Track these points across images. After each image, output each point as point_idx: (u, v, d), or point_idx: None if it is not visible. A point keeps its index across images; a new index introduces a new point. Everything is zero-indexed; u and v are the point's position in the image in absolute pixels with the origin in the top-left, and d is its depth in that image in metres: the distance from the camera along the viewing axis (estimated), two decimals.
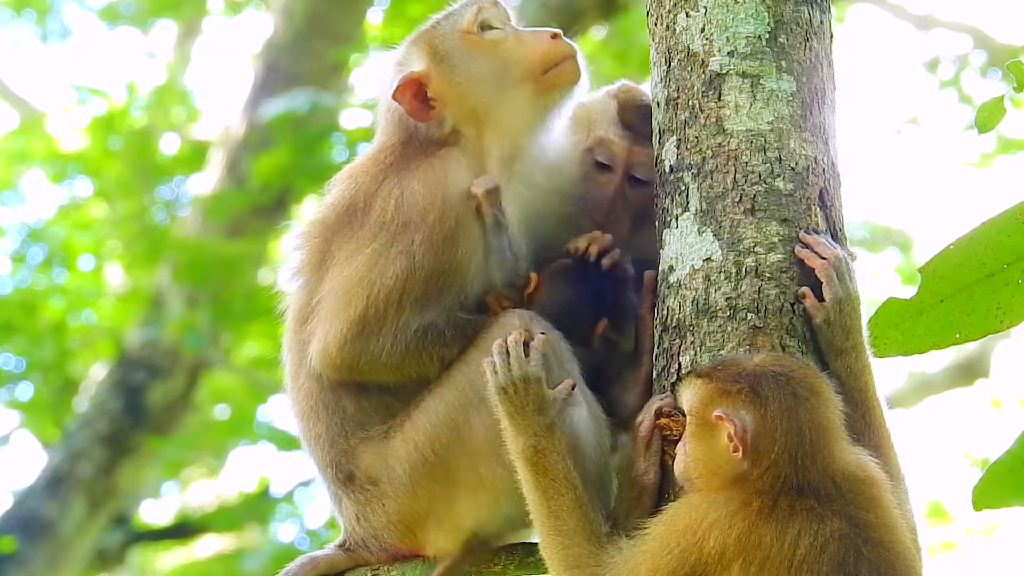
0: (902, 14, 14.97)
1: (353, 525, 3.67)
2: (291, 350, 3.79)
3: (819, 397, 3.17)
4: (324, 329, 3.63)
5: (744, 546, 3.01)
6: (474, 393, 3.53)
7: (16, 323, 13.52)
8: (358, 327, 3.59)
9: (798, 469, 3.08)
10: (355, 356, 3.61)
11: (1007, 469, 3.52)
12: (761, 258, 3.41)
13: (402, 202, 3.66)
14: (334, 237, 3.72)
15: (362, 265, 3.63)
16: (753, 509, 3.04)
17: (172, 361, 11.83)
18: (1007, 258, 3.43)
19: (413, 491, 3.58)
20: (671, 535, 3.08)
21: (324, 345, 3.62)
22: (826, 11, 3.64)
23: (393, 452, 3.61)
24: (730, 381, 3.15)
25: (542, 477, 3.30)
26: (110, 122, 14.24)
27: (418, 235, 3.62)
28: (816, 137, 3.52)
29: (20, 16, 16.46)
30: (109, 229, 14.20)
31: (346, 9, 12.53)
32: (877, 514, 3.09)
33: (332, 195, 3.82)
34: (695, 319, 3.42)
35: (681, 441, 3.24)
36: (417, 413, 3.60)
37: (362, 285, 3.61)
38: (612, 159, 3.89)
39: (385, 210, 3.66)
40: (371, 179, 3.74)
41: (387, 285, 3.60)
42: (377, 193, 3.70)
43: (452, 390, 3.58)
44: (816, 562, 3.00)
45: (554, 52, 3.76)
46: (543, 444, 3.31)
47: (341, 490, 3.67)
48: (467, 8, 3.83)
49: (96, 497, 11.63)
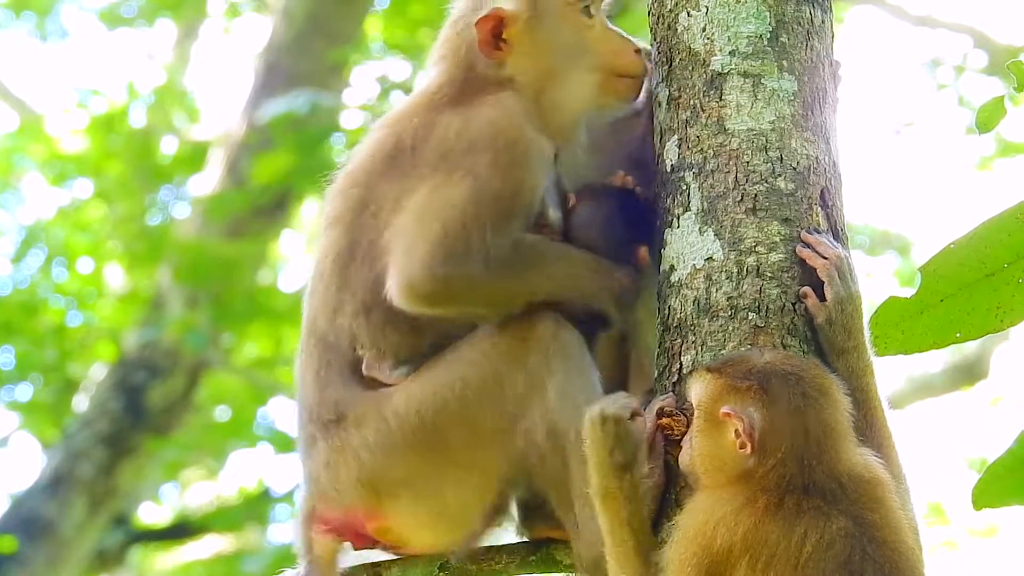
0: (902, 14, 14.97)
1: (319, 472, 3.57)
2: (326, 293, 3.66)
3: (828, 398, 3.17)
4: (403, 260, 3.50)
5: (750, 543, 3.01)
6: (494, 376, 3.51)
7: (16, 324, 13.52)
8: (445, 251, 3.48)
9: (804, 468, 3.08)
10: (447, 280, 3.50)
11: (1007, 469, 3.52)
12: (762, 258, 3.42)
13: (466, 128, 3.62)
14: (380, 181, 3.66)
15: (430, 193, 3.55)
16: (759, 506, 3.04)
17: (172, 361, 11.82)
18: (1008, 257, 3.43)
19: (396, 450, 3.51)
20: (686, 548, 3.07)
21: (408, 275, 3.49)
22: (827, 11, 3.65)
23: (392, 404, 3.55)
24: (740, 378, 3.15)
25: (607, 519, 3.27)
26: (110, 123, 14.24)
27: (484, 157, 3.56)
28: (817, 137, 3.53)
29: (19, 18, 16.46)
30: (109, 230, 14.20)
31: (346, 9, 12.53)
32: (882, 514, 3.09)
33: (369, 142, 3.76)
34: (696, 319, 3.42)
35: (688, 434, 3.24)
36: (432, 375, 3.54)
37: (435, 211, 3.51)
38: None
39: (445, 139, 3.61)
40: (422, 118, 3.69)
41: (461, 206, 3.50)
42: (432, 128, 3.65)
43: (472, 365, 3.54)
44: (822, 560, 3.00)
45: (632, 63, 3.78)
46: (612, 487, 3.26)
47: (320, 431, 3.58)
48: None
49: (96, 497, 11.63)
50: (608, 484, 3.26)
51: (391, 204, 3.61)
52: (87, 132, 14.45)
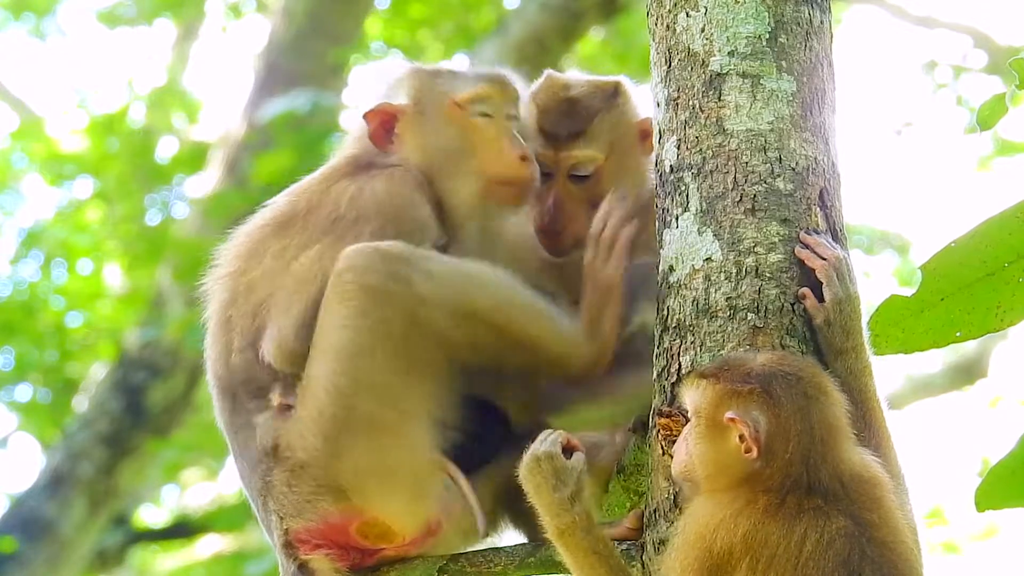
0: (902, 14, 14.98)
1: (284, 498, 3.59)
2: (216, 340, 3.74)
3: (828, 396, 3.16)
4: (279, 322, 3.59)
5: (750, 544, 3.00)
6: (361, 336, 3.48)
7: (16, 324, 13.52)
8: (307, 326, 3.56)
9: (810, 468, 3.07)
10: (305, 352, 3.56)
11: (1009, 471, 3.51)
12: (761, 258, 3.42)
13: (358, 197, 3.67)
14: (271, 240, 3.73)
15: (313, 259, 3.61)
16: (759, 507, 3.03)
17: (172, 361, 11.82)
18: (1008, 257, 3.43)
19: (335, 445, 3.51)
20: (687, 553, 3.06)
21: (279, 341, 3.58)
22: (826, 11, 3.65)
23: (300, 421, 3.55)
24: (740, 382, 3.13)
25: (572, 554, 3.27)
26: (109, 123, 14.24)
27: (368, 227, 3.61)
28: (816, 137, 3.52)
29: (19, 20, 16.46)
30: (109, 230, 14.20)
31: (346, 9, 12.53)
32: (880, 514, 3.09)
33: (268, 208, 3.84)
34: (695, 319, 3.42)
35: (680, 440, 3.23)
36: (319, 366, 3.54)
37: (311, 278, 3.58)
38: (548, 168, 3.90)
39: (337, 206, 3.67)
40: (319, 187, 3.77)
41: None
42: (327, 195, 3.72)
43: (330, 348, 3.51)
44: (822, 559, 2.99)
45: (514, 172, 3.79)
46: (567, 522, 3.26)
47: (267, 466, 3.61)
48: (474, 82, 3.85)
49: (96, 497, 11.63)
50: (562, 521, 3.26)
51: (278, 262, 3.67)
52: (87, 132, 14.45)
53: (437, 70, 3.91)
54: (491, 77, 3.87)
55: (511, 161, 3.78)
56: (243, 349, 3.67)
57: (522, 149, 3.79)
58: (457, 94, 3.82)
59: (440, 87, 3.85)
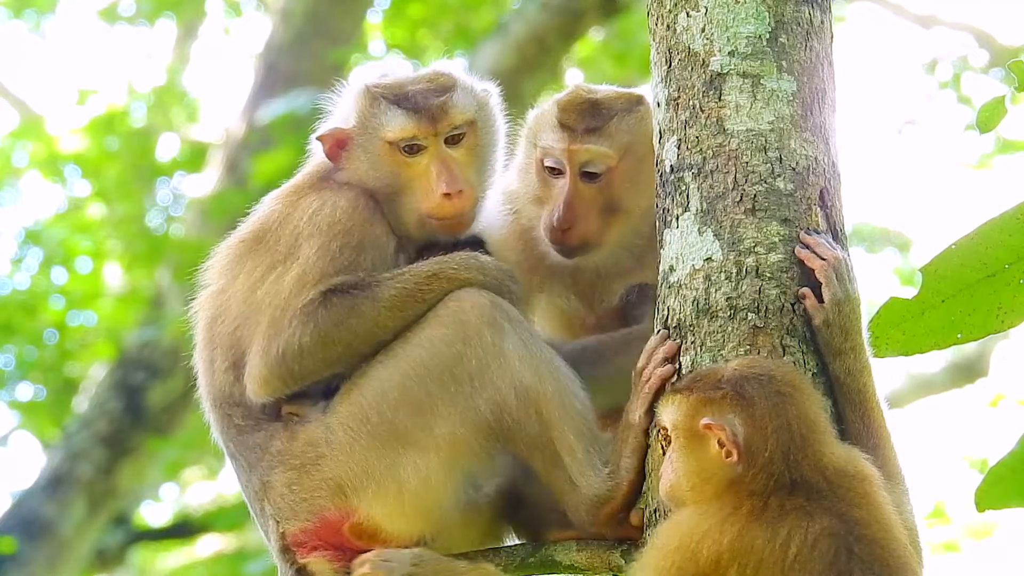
0: (902, 14, 14.98)
1: (282, 499, 3.67)
2: (203, 357, 3.89)
3: (803, 392, 3.17)
4: (251, 361, 3.71)
5: (737, 551, 3.00)
6: (446, 357, 3.58)
7: (16, 324, 13.52)
8: (276, 349, 3.67)
9: (791, 465, 3.08)
10: (283, 373, 3.68)
11: (1010, 470, 3.51)
12: (762, 258, 3.42)
13: (317, 214, 3.78)
14: (246, 259, 3.84)
15: (276, 279, 3.74)
16: (743, 513, 3.04)
17: (172, 361, 11.82)
18: (1008, 258, 3.42)
19: (353, 446, 3.60)
20: (665, 556, 3.06)
21: (253, 379, 3.70)
22: (827, 11, 3.65)
23: (336, 417, 3.64)
24: (711, 389, 3.15)
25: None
26: (109, 123, 14.24)
27: (321, 242, 3.73)
28: (816, 137, 3.52)
29: (20, 18, 16.45)
30: (109, 229, 14.20)
31: (346, 9, 12.54)
32: (868, 511, 3.08)
33: (248, 220, 3.95)
34: (695, 319, 3.42)
35: (665, 462, 3.22)
36: (376, 374, 3.63)
37: (270, 299, 3.71)
38: (559, 163, 3.90)
39: (299, 223, 3.78)
40: (288, 199, 3.88)
41: (288, 290, 3.70)
42: (294, 209, 3.83)
43: (418, 352, 3.62)
44: (808, 560, 2.99)
45: (439, 211, 3.86)
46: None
47: (276, 459, 3.69)
48: (403, 119, 3.87)
49: (96, 497, 11.63)
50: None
51: (249, 280, 3.80)
52: (86, 132, 14.45)
53: (379, 96, 3.91)
54: (427, 111, 3.87)
55: (436, 200, 3.84)
56: (226, 370, 3.80)
57: (450, 185, 3.84)
58: (387, 132, 3.87)
59: (374, 121, 3.90)
